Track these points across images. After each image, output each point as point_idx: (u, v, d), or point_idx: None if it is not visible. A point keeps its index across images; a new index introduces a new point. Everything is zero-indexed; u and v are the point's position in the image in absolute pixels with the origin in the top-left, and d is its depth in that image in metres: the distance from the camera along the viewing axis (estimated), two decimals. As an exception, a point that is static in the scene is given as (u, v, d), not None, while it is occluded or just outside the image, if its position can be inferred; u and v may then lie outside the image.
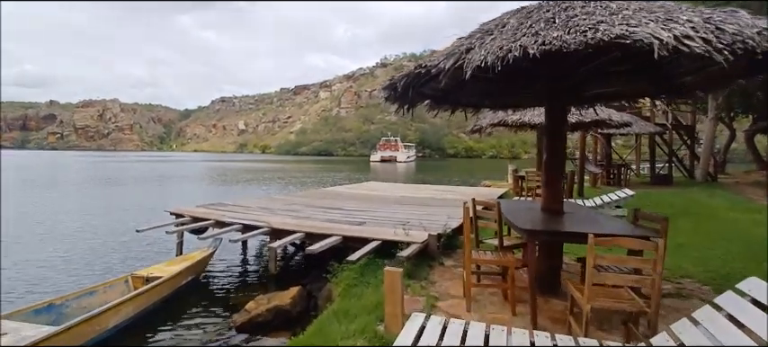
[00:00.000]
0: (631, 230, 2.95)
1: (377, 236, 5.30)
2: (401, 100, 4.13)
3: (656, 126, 14.38)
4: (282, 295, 5.00)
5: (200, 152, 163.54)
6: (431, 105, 4.95)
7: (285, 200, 9.32)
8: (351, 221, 6.51)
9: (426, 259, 4.97)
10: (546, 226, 3.37)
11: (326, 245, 5.06)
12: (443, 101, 4.94)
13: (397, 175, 36.84)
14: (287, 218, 6.73)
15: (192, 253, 6.29)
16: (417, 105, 4.61)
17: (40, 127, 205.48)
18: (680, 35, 2.14)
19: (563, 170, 4.03)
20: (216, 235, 6.25)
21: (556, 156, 3.84)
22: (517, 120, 8.00)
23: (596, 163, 13.94)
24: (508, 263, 3.32)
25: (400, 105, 4.29)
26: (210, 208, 7.64)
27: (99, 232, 9.45)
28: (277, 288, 5.88)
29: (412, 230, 5.54)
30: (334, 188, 12.70)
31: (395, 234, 5.42)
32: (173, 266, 5.75)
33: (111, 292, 5.11)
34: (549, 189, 3.86)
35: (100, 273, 6.23)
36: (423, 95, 4.56)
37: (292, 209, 7.86)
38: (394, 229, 5.61)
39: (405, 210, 7.76)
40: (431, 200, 9.62)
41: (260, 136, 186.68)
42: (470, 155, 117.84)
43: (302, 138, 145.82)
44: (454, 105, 5.13)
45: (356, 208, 8.10)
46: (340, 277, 4.72)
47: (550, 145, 3.85)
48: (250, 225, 6.29)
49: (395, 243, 5.13)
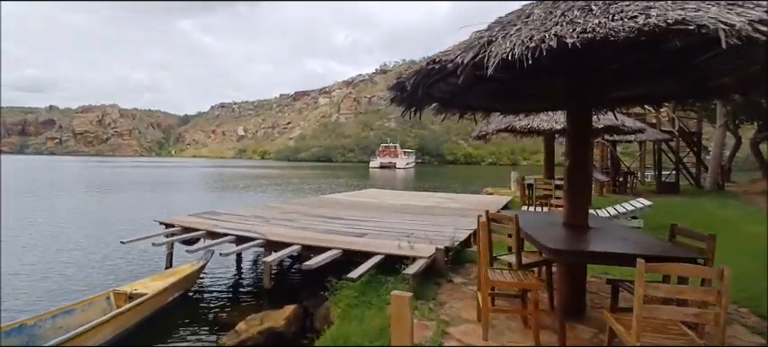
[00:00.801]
0: (680, 251, 2.55)
1: (379, 250, 4.90)
2: (408, 101, 3.76)
3: (662, 133, 14.04)
4: (276, 315, 4.59)
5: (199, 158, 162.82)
6: (438, 108, 4.58)
7: (282, 208, 8.92)
8: (351, 232, 6.11)
9: (433, 276, 4.56)
10: (574, 244, 2.98)
11: (325, 260, 4.65)
12: (451, 104, 4.57)
13: (396, 182, 36.44)
14: (283, 229, 6.33)
15: (181, 267, 5.88)
16: (425, 108, 4.24)
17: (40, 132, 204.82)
18: (755, 20, 1.77)
19: (589, 180, 3.64)
20: (206, 247, 5.84)
21: (580, 165, 3.45)
22: (526, 126, 7.64)
23: (602, 170, 13.59)
24: (531, 287, 2.92)
25: (407, 107, 3.91)
26: (202, 217, 7.23)
27: (83, 242, 8.91)
28: (271, 304, 5.47)
29: (417, 243, 5.14)
30: (333, 196, 12.30)
31: (399, 247, 5.02)
32: (158, 281, 5.33)
33: (90, 311, 4.69)
34: (573, 201, 3.47)
35: (80, 289, 5.78)
36: (430, 97, 4.19)
37: (289, 218, 7.46)
38: (398, 242, 5.21)
39: (407, 220, 7.36)
40: (434, 208, 9.22)
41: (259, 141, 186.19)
42: (469, 161, 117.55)
43: (301, 144, 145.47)
44: (463, 109, 4.77)
45: (356, 217, 7.70)
46: (339, 295, 4.31)
47: (574, 151, 3.46)
48: (243, 236, 5.88)
49: (399, 257, 4.72)
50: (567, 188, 3.51)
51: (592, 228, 3.40)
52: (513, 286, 3.11)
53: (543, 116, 7.48)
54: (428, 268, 4.53)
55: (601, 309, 3.71)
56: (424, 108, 4.27)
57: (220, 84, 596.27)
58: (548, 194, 7.76)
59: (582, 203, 3.47)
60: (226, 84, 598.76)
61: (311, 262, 4.46)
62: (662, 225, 7.98)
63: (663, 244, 2.85)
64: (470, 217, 7.79)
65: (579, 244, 2.97)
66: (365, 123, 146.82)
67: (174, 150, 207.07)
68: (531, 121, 7.55)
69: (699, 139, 16.16)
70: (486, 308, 3.04)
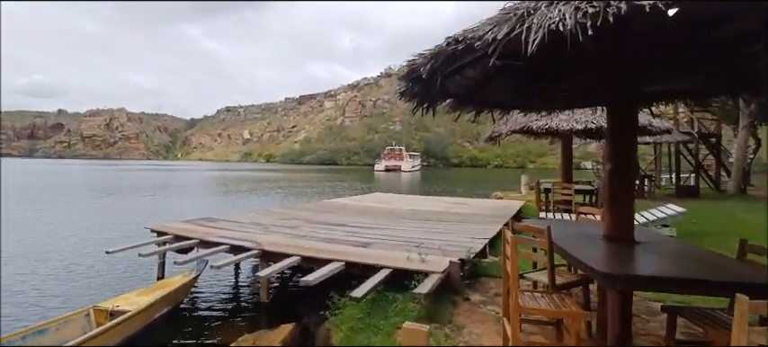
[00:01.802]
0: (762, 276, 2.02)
1: (386, 263, 4.39)
2: (421, 95, 3.26)
3: (682, 134, 13.41)
4: (272, 336, 4.10)
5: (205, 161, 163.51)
6: (453, 105, 4.07)
7: (282, 213, 8.44)
8: (355, 241, 5.61)
9: (448, 293, 4.05)
10: (629, 266, 2.46)
11: (325, 275, 4.16)
12: (468, 100, 4.06)
13: (402, 185, 35.91)
14: (282, 237, 5.85)
15: (171, 279, 5.41)
16: (439, 104, 3.74)
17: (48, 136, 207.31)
18: None
19: (633, 187, 3.12)
20: (197, 259, 5.37)
21: (623, 169, 2.93)
22: (543, 127, 7.10)
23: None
24: (574, 317, 2.41)
25: (420, 103, 3.42)
26: (197, 224, 6.78)
27: (68, 251, 8.33)
28: (268, 322, 4.98)
29: (428, 255, 4.63)
30: (337, 200, 11.81)
31: (408, 260, 4.51)
32: (145, 296, 4.86)
33: (66, 329, 4.22)
34: (615, 211, 2.95)
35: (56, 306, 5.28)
36: (445, 93, 3.70)
37: (290, 224, 6.99)
38: (407, 254, 4.71)
39: (416, 227, 6.85)
40: (443, 214, 8.70)
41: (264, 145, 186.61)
42: (475, 164, 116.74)
43: (306, 147, 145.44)
44: (479, 106, 4.26)
45: (361, 224, 7.21)
46: (341, 316, 3.82)
47: (616, 153, 2.95)
48: (238, 245, 5.41)
49: (408, 272, 4.22)
50: (607, 196, 2.99)
51: (639, 243, 2.88)
52: (549, 315, 2.60)
53: (562, 115, 6.94)
54: (442, 284, 4.02)
55: (649, 336, 3.19)
56: (439, 104, 3.77)
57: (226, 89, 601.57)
58: (567, 200, 7.21)
59: (626, 213, 2.94)
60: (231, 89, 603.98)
61: (310, 277, 3.96)
62: (691, 232, 7.39)
63: (742, 266, 2.32)
64: (483, 223, 7.27)
65: (635, 266, 2.45)
66: (370, 126, 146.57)
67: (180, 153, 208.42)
68: (550, 121, 7.02)
69: (718, 141, 15.48)
70: (516, 340, 2.53)
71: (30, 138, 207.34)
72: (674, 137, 12.75)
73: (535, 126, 7.14)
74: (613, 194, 2.98)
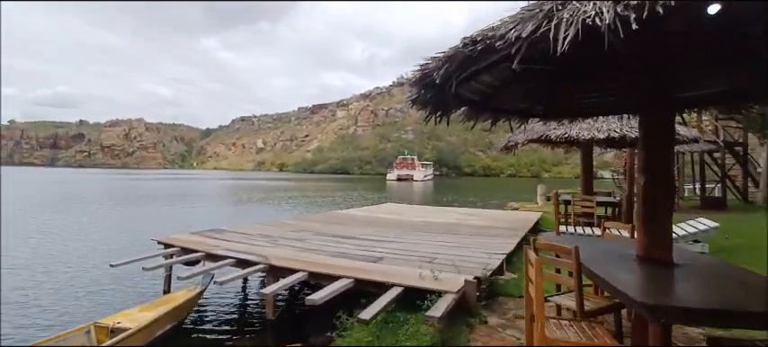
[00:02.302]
0: None
1: (398, 281, 4.14)
2: (434, 102, 3.04)
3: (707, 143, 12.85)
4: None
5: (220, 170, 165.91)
6: (468, 113, 3.84)
7: (292, 224, 8.27)
8: (365, 256, 5.38)
9: (463, 314, 3.78)
10: (671, 294, 2.17)
11: (332, 293, 3.93)
12: (484, 108, 3.82)
13: (414, 195, 35.61)
14: (289, 250, 5.66)
15: (175, 294, 5.25)
16: (453, 113, 3.52)
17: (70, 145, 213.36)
18: None
19: (672, 203, 2.82)
20: (202, 273, 5.20)
21: (660, 182, 2.64)
22: (562, 136, 6.77)
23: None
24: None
25: (432, 110, 3.20)
26: (204, 236, 6.64)
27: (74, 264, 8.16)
28: (274, 340, 4.80)
29: (442, 272, 4.36)
30: (348, 211, 11.61)
31: (420, 277, 4.26)
32: (147, 312, 4.70)
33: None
34: (651, 228, 2.66)
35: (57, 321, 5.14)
36: (459, 99, 3.47)
37: (298, 236, 6.80)
38: (419, 270, 4.45)
39: (429, 241, 6.58)
40: (457, 226, 8.41)
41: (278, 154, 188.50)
42: (488, 173, 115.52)
43: (319, 157, 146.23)
44: (496, 114, 4.01)
45: (372, 236, 6.97)
46: (349, 338, 3.58)
47: (651, 165, 2.66)
48: (244, 259, 5.24)
49: (421, 290, 3.96)
50: (642, 211, 2.70)
51: (679, 265, 2.58)
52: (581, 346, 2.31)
53: (583, 124, 6.62)
54: (456, 305, 3.75)
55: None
56: (453, 113, 3.55)
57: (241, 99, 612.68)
58: (588, 212, 6.85)
59: (663, 231, 2.64)
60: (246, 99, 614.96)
61: (316, 296, 3.74)
62: (722, 247, 6.92)
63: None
64: (499, 237, 6.96)
65: (680, 295, 2.15)
66: (382, 135, 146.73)
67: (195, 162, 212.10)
68: (569, 130, 6.69)
69: (745, 150, 14.80)
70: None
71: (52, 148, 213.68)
72: (700, 145, 12.21)
73: (553, 135, 6.82)
74: (649, 209, 2.69)
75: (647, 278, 2.45)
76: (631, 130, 6.42)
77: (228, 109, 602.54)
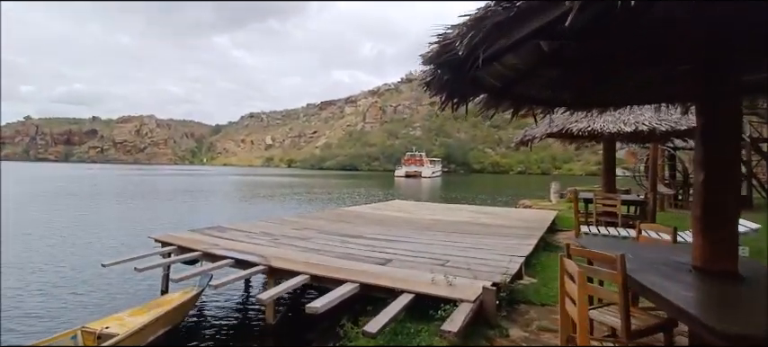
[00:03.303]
0: None
1: (408, 287, 3.76)
2: (451, 85, 2.64)
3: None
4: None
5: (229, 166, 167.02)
6: (487, 102, 3.43)
7: (296, 222, 7.94)
8: (373, 257, 5.01)
9: (482, 326, 3.38)
10: (752, 318, 1.74)
11: (335, 300, 3.56)
12: (505, 95, 3.41)
13: (422, 192, 35.16)
14: (292, 251, 5.32)
15: (171, 296, 4.94)
16: (470, 101, 3.11)
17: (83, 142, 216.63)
18: None
19: (737, 206, 2.39)
20: (201, 273, 4.89)
21: (724, 181, 2.21)
22: (584, 129, 6.29)
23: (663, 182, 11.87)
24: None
25: (448, 96, 2.80)
26: (204, 233, 6.34)
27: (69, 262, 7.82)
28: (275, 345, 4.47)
29: (456, 276, 3.97)
30: (355, 208, 11.25)
31: (433, 283, 3.87)
32: (138, 316, 4.40)
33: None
34: (712, 234, 2.23)
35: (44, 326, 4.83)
36: (478, 85, 3.07)
37: (302, 235, 6.46)
38: (431, 274, 4.06)
39: (440, 241, 6.18)
40: (469, 225, 7.99)
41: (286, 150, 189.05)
42: (497, 170, 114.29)
43: (327, 153, 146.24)
44: (518, 102, 3.59)
45: (380, 235, 6.60)
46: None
47: (713, 161, 2.23)
48: (243, 260, 4.91)
49: (434, 298, 3.58)
50: (700, 215, 2.27)
51: (745, 279, 2.15)
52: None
53: (608, 116, 6.15)
54: (474, 315, 3.35)
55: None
56: (470, 101, 3.14)
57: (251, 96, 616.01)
58: (611, 212, 6.38)
59: (728, 238, 2.21)
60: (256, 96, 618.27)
61: (317, 303, 3.37)
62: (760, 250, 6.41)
63: None
64: (515, 237, 6.53)
65: (757, 318, 1.73)
66: (390, 132, 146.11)
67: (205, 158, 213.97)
68: (593, 123, 6.20)
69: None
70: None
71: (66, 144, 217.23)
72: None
73: (575, 128, 6.34)
74: (709, 213, 2.26)
75: (712, 295, 2.04)
76: (662, 123, 5.92)
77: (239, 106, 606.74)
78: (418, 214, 9.65)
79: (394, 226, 7.58)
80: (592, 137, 7.09)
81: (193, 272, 4.88)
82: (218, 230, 6.64)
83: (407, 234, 6.80)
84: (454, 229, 7.37)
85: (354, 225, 7.72)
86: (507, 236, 6.61)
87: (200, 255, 5.37)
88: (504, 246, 5.74)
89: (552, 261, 5.80)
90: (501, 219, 8.82)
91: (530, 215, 10.01)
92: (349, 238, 6.28)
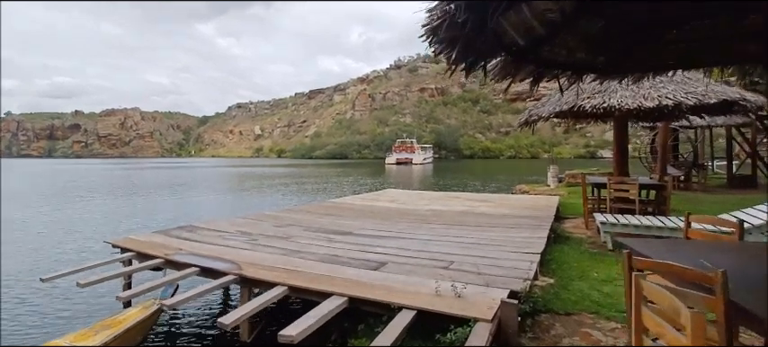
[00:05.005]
0: None
1: (407, 302, 3.04)
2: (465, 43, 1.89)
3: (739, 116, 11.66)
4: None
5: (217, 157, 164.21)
6: (504, 66, 2.70)
7: (278, 217, 7.16)
8: (364, 260, 4.28)
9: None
10: None
11: (316, 323, 2.83)
12: (527, 58, 2.68)
13: (414, 179, 34.50)
14: (269, 254, 4.56)
15: (123, 315, 4.16)
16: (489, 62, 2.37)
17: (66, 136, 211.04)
18: None
19: None
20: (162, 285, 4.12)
21: None
22: (598, 106, 5.58)
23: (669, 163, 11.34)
24: None
25: (461, 55, 2.05)
26: (170, 234, 5.54)
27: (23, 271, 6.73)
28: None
29: (466, 286, 3.27)
30: (344, 199, 10.49)
31: (437, 294, 3.16)
32: (84, 340, 3.63)
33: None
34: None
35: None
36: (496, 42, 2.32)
37: (284, 233, 5.71)
38: (435, 282, 3.35)
39: (440, 236, 5.48)
40: (468, 215, 7.31)
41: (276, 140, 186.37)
42: (487, 155, 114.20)
43: (317, 142, 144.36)
44: (543, 67, 2.86)
45: (372, 231, 5.88)
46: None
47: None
48: (210, 268, 4.14)
49: (440, 315, 2.88)
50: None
51: None
52: None
53: (627, 92, 5.45)
54: (493, 338, 2.66)
55: None
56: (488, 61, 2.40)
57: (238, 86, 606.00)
58: (626, 197, 5.75)
59: None
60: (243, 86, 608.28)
61: (291, 330, 2.63)
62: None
63: None
64: (522, 228, 5.87)
65: None
66: (380, 119, 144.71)
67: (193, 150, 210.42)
68: (608, 99, 5.49)
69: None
70: None
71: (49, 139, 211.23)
72: (731, 119, 11.05)
73: (588, 105, 5.63)
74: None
75: None
76: (688, 97, 5.23)
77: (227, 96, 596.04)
78: (413, 204, 8.94)
79: (387, 220, 6.86)
80: (604, 115, 6.40)
81: (152, 284, 4.11)
82: (187, 230, 5.84)
83: (402, 228, 6.09)
84: (454, 221, 6.68)
85: (344, 218, 6.99)
86: (514, 228, 5.94)
87: (162, 263, 4.59)
88: (512, 241, 5.06)
89: (566, 255, 5.15)
90: (502, 207, 8.16)
91: (531, 201, 9.38)
92: (336, 236, 5.54)
